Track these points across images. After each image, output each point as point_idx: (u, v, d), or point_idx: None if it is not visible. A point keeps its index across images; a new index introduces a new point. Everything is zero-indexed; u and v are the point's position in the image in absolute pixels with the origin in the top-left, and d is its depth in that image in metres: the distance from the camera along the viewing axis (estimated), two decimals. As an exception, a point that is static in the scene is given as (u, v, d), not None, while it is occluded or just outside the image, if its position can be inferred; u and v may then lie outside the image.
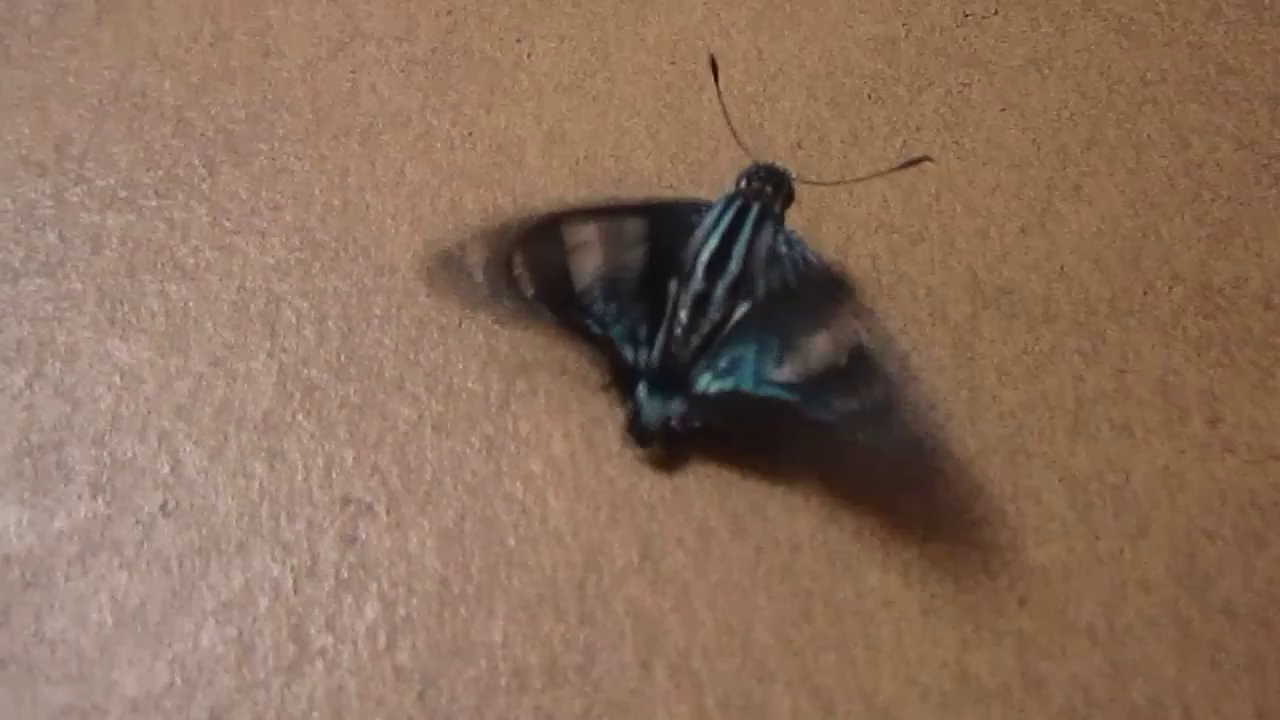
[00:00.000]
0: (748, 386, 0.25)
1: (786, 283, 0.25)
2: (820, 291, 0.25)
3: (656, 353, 0.25)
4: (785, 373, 0.24)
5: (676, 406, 0.25)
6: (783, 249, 0.26)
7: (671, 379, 0.25)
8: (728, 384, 0.25)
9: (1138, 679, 0.23)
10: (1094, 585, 0.24)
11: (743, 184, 0.26)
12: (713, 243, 0.26)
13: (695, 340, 0.25)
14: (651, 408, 0.25)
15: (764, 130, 0.31)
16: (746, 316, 0.25)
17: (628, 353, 0.26)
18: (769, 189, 0.26)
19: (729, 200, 0.26)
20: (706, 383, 0.25)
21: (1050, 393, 0.26)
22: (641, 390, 0.25)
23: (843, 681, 0.23)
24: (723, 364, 0.25)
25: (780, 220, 0.26)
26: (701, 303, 0.25)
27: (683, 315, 0.25)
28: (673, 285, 0.26)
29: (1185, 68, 0.32)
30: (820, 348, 0.24)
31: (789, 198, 0.27)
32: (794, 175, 0.27)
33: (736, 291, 0.25)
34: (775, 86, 0.32)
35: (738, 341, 0.25)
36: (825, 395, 0.24)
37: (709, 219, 0.26)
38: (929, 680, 0.23)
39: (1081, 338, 0.27)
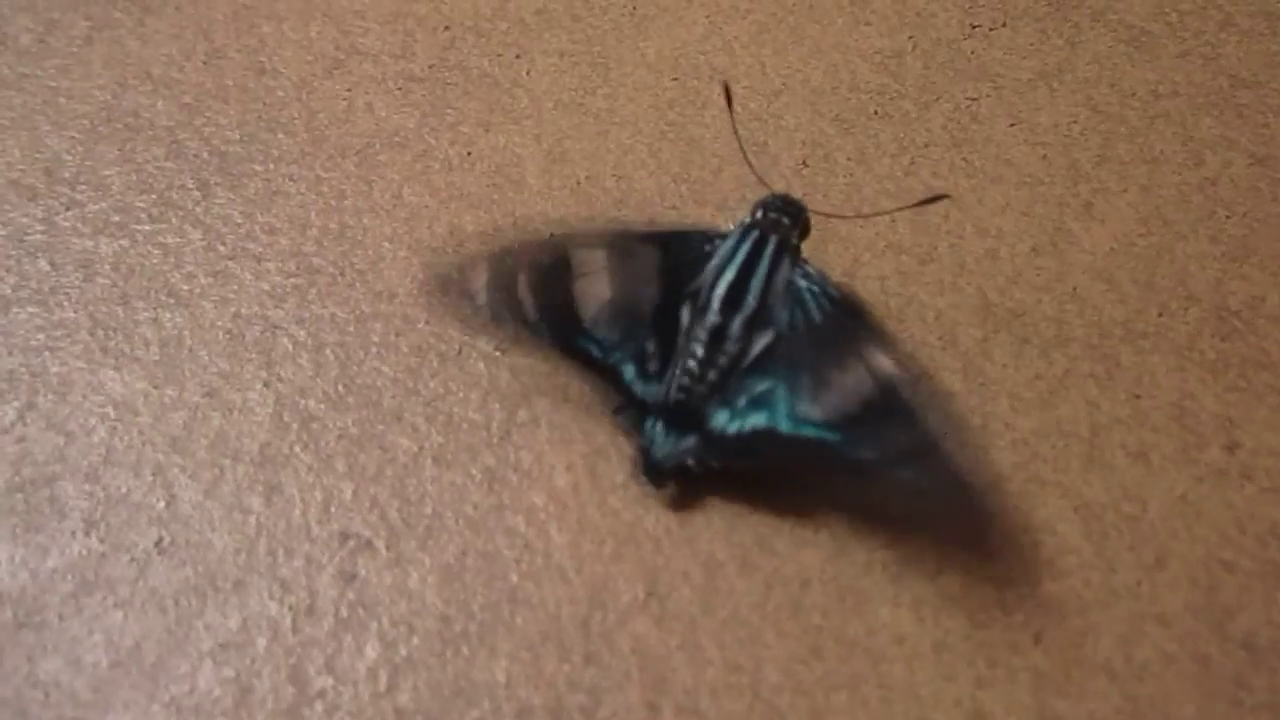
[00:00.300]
0: (783, 427, 0.24)
1: (808, 318, 0.25)
2: (846, 326, 0.25)
3: (669, 388, 0.25)
4: (820, 411, 0.24)
5: (691, 444, 0.24)
6: (801, 282, 0.25)
7: (685, 415, 0.24)
8: (757, 422, 0.24)
9: (1156, 717, 0.22)
10: (1111, 620, 0.23)
11: (759, 215, 0.26)
12: (729, 275, 0.25)
13: (711, 375, 0.25)
14: (664, 446, 0.24)
15: (768, 149, 0.30)
16: (766, 352, 0.25)
17: (636, 387, 0.25)
18: (786, 220, 0.26)
19: (745, 231, 0.26)
20: (724, 421, 0.24)
21: (1064, 419, 0.26)
22: (653, 427, 0.25)
23: (854, 722, 0.22)
24: (741, 402, 0.24)
25: (797, 253, 0.26)
26: (718, 337, 0.25)
27: (697, 349, 0.25)
28: (685, 317, 0.25)
29: (1198, 80, 0.31)
30: (855, 384, 0.24)
31: (805, 230, 0.26)
32: (808, 207, 0.26)
33: (754, 326, 0.25)
34: (779, 103, 0.31)
35: (758, 379, 0.24)
36: (867, 434, 0.23)
37: (724, 249, 0.25)
38: (943, 718, 0.22)
39: (1095, 362, 0.26)
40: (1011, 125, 0.30)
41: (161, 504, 0.25)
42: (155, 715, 0.23)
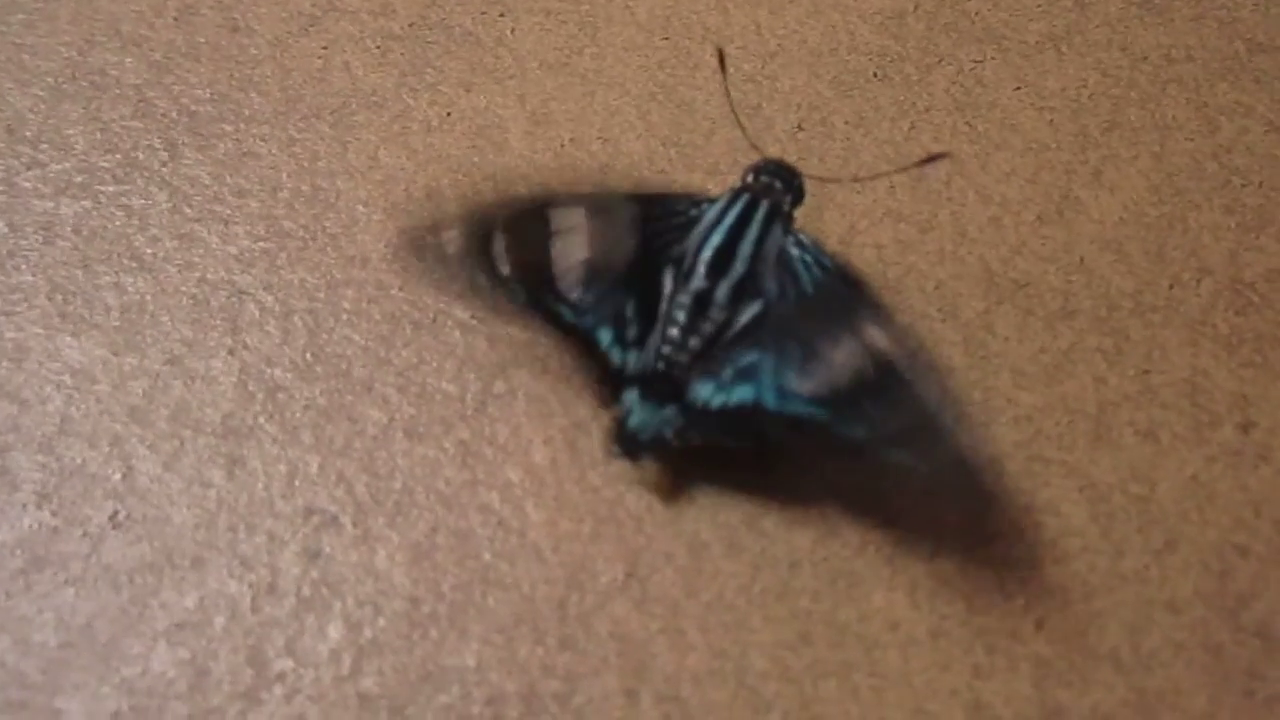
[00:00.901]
0: (769, 402, 0.23)
1: (800, 288, 0.23)
2: (840, 297, 0.23)
3: (649, 354, 0.23)
4: (810, 386, 0.22)
5: (670, 416, 0.23)
6: (793, 250, 0.24)
7: (665, 386, 0.23)
8: (743, 396, 0.23)
9: (1165, 709, 0.21)
10: (1117, 606, 0.22)
11: (750, 179, 0.24)
12: (716, 239, 0.24)
13: (694, 343, 0.23)
14: (641, 416, 0.23)
15: (762, 111, 0.29)
16: (754, 322, 0.23)
17: (613, 354, 0.24)
18: (779, 185, 0.24)
19: (735, 195, 0.24)
20: (708, 394, 0.23)
21: (1070, 395, 0.24)
22: (630, 396, 0.23)
23: (844, 711, 0.21)
24: (726, 374, 0.23)
25: (790, 219, 0.24)
26: (702, 303, 0.23)
27: (680, 315, 0.23)
28: (667, 283, 0.24)
29: (1213, 44, 0.30)
30: (847, 358, 0.22)
31: (799, 196, 0.24)
32: (802, 172, 0.25)
33: (741, 294, 0.23)
34: (775, 65, 0.30)
35: (744, 351, 0.23)
36: (858, 411, 0.22)
37: (712, 213, 0.24)
38: (938, 710, 0.21)
39: (1103, 335, 0.25)
40: (1017, 89, 0.29)
41: (118, 476, 0.24)
42: (106, 698, 0.22)
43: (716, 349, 0.23)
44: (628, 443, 0.23)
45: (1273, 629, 0.22)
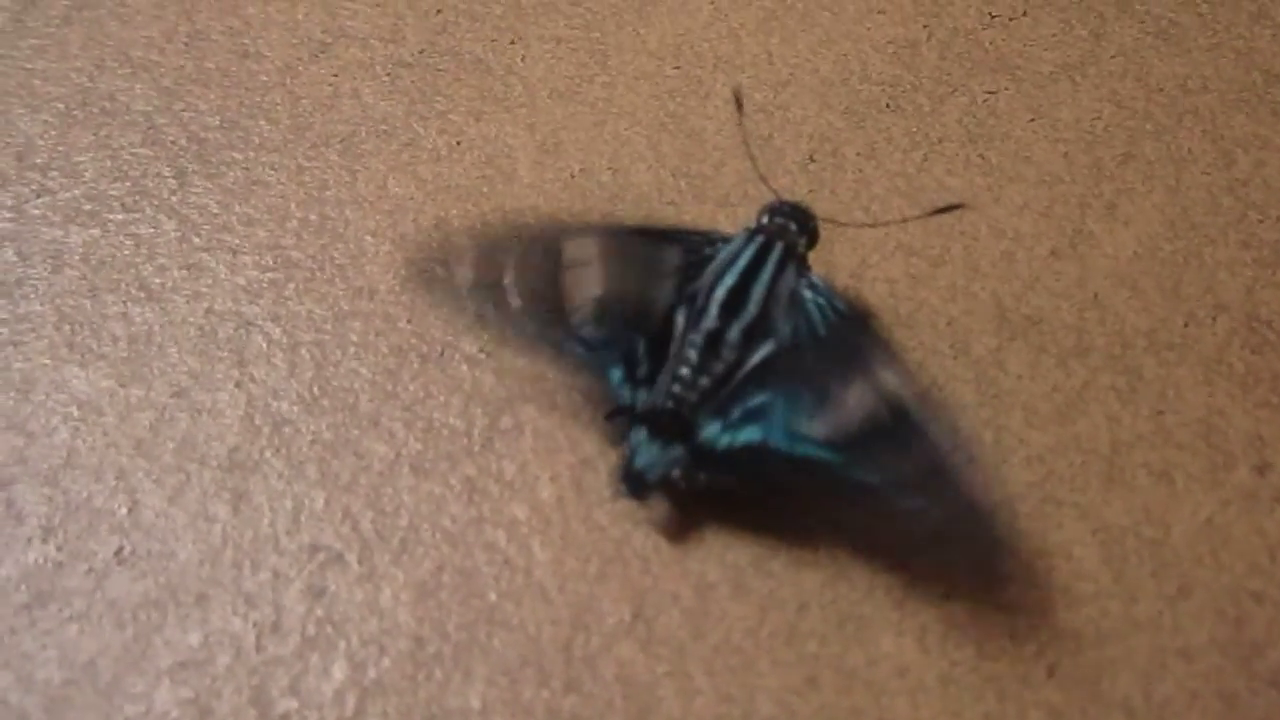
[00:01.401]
0: (779, 444, 0.22)
1: (812, 330, 0.23)
2: (852, 340, 0.23)
3: (658, 393, 0.23)
4: (820, 429, 0.22)
5: (677, 456, 0.23)
6: (806, 293, 0.23)
7: (673, 425, 0.23)
8: (751, 437, 0.22)
9: (1178, 759, 0.21)
10: (1130, 653, 0.22)
11: (765, 220, 0.24)
12: (730, 280, 0.24)
13: (704, 383, 0.23)
14: (648, 456, 0.23)
15: (773, 142, 0.28)
16: (765, 364, 0.23)
17: (623, 392, 0.23)
18: (793, 227, 0.24)
19: (750, 235, 0.24)
20: (715, 434, 0.23)
21: (1082, 435, 0.24)
22: (637, 435, 0.23)
23: (852, 759, 0.21)
24: (735, 414, 0.23)
25: (804, 262, 0.24)
26: (714, 343, 0.23)
27: (691, 355, 0.23)
28: (680, 321, 0.24)
29: (1230, 75, 0.29)
30: (859, 401, 0.22)
31: (813, 239, 0.24)
32: (817, 216, 0.24)
33: (753, 335, 0.23)
34: (786, 94, 0.29)
35: (755, 391, 0.23)
36: (870, 455, 0.22)
37: (726, 253, 0.24)
38: (947, 757, 0.21)
39: (1116, 374, 0.25)
40: (1031, 120, 0.29)
41: (124, 510, 0.24)
42: (109, 737, 0.22)
43: (725, 389, 0.23)
44: (634, 482, 0.23)
45: (1288, 678, 0.22)
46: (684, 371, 0.23)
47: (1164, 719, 0.21)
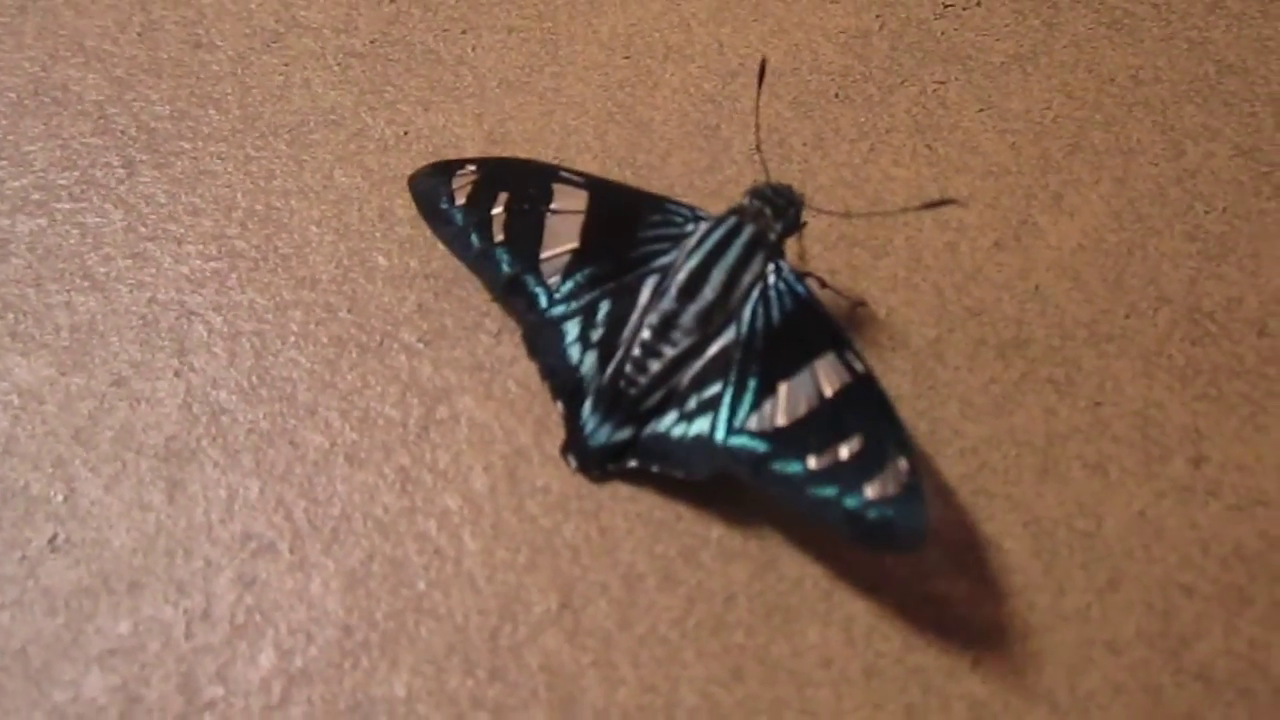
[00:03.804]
0: (719, 436, 0.22)
1: (770, 319, 0.23)
2: (804, 330, 0.23)
3: (611, 368, 0.23)
4: (756, 420, 0.22)
5: (627, 437, 0.23)
6: (770, 279, 0.23)
7: (625, 405, 0.23)
8: (701, 428, 0.22)
9: (1101, 752, 0.21)
10: (1057, 646, 0.22)
11: (744, 201, 0.24)
12: (693, 261, 0.23)
13: (654, 366, 0.23)
14: (600, 435, 0.23)
15: (720, 132, 0.28)
16: (723, 354, 0.23)
17: (573, 351, 0.23)
18: (769, 212, 0.23)
19: (723, 217, 0.24)
20: (670, 424, 0.23)
21: (1018, 427, 0.24)
22: (589, 409, 0.23)
23: (774, 749, 0.21)
24: (692, 404, 0.23)
25: (776, 249, 0.23)
26: (667, 325, 0.23)
27: (645, 334, 0.23)
28: (645, 293, 0.24)
29: (1182, 66, 0.29)
30: (797, 393, 0.22)
31: (790, 226, 0.24)
32: (803, 202, 0.24)
33: (708, 320, 0.23)
34: (736, 84, 0.29)
35: (712, 381, 0.23)
36: (796, 445, 0.21)
37: (700, 232, 0.24)
38: (870, 749, 0.21)
39: (1055, 366, 0.25)
40: (980, 111, 0.29)
41: (59, 498, 0.24)
42: (38, 723, 0.22)
43: (684, 377, 0.23)
44: (584, 457, 0.23)
45: (1215, 672, 0.21)
46: (636, 351, 0.23)
47: (1088, 712, 0.21)
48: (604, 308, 0.24)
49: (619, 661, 0.22)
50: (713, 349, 0.23)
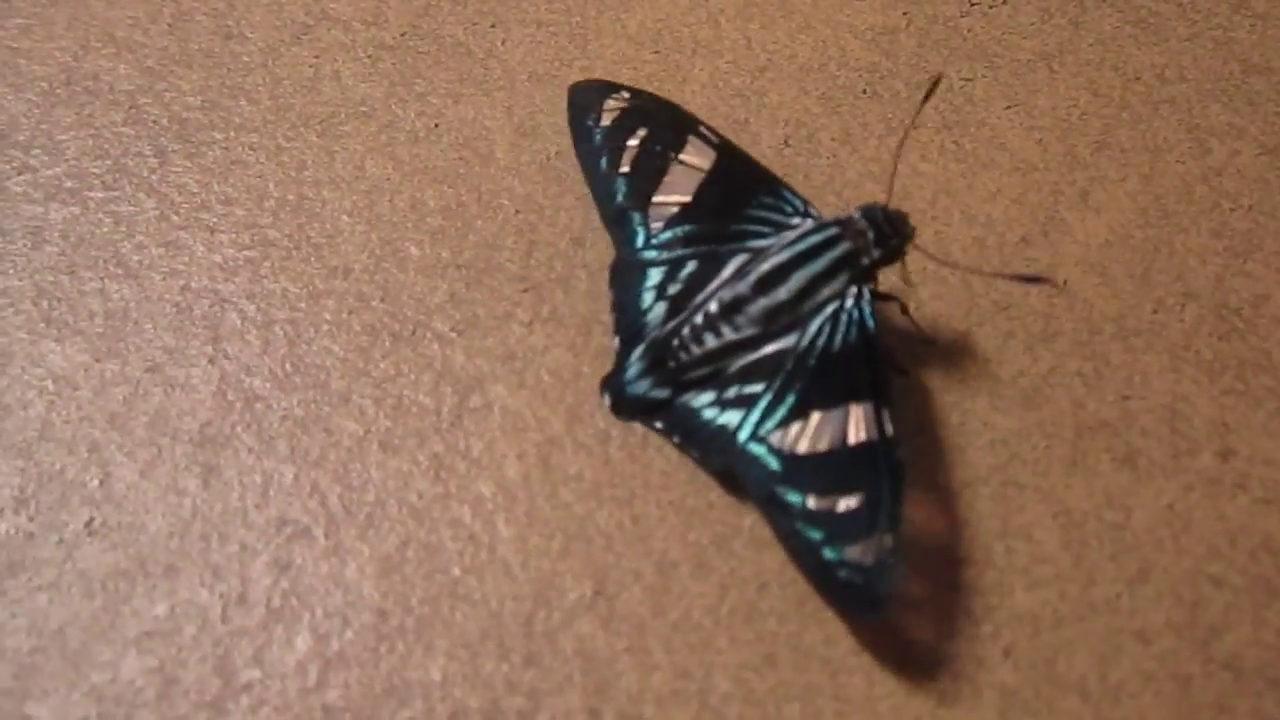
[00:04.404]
0: (741, 436, 0.22)
1: (831, 342, 0.23)
2: (857, 366, 0.22)
3: (672, 328, 0.23)
4: (779, 437, 0.22)
5: (662, 398, 0.23)
6: (847, 302, 0.23)
7: (668, 364, 0.23)
8: (729, 420, 0.23)
9: (1131, 741, 0.21)
10: (1087, 635, 0.22)
11: (852, 214, 0.23)
12: (781, 256, 0.23)
13: (710, 342, 0.23)
14: (639, 383, 0.23)
15: (749, 126, 0.29)
16: (777, 357, 0.23)
17: (647, 297, 0.24)
18: (870, 235, 0.23)
19: (827, 223, 0.23)
20: (703, 404, 0.23)
21: (1047, 420, 0.24)
22: (637, 355, 0.23)
23: (807, 735, 0.21)
24: (731, 394, 0.23)
25: (864, 273, 0.23)
26: (735, 307, 0.23)
27: (713, 307, 0.23)
28: (730, 269, 0.24)
29: (1207, 65, 0.29)
30: (826, 428, 0.22)
31: (889, 256, 0.23)
32: (911, 235, 0.23)
33: (773, 319, 0.23)
34: (764, 79, 0.29)
35: (756, 379, 0.23)
36: (805, 480, 0.21)
37: (799, 230, 0.24)
38: (902, 735, 0.21)
39: (1083, 359, 0.25)
40: (1007, 108, 0.29)
41: (95, 483, 0.24)
42: (75, 704, 0.22)
43: (733, 364, 0.23)
44: (617, 399, 0.24)
45: (1244, 662, 0.22)
46: (698, 320, 0.23)
47: (1118, 701, 0.21)
48: (689, 266, 0.24)
49: (653, 648, 0.22)
50: (769, 348, 0.23)
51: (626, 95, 0.26)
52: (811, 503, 0.21)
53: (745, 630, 0.22)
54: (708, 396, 0.23)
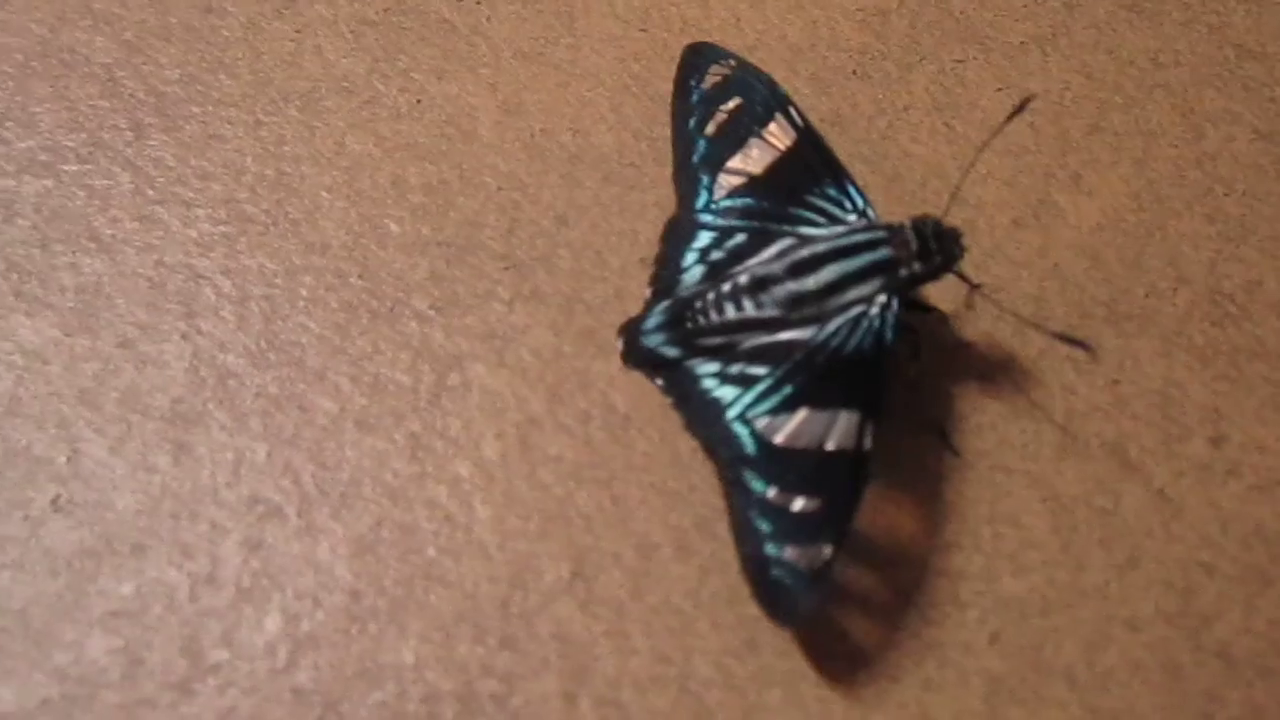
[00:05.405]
0: (730, 414, 0.22)
1: (845, 344, 0.22)
2: (859, 379, 0.22)
3: (693, 287, 0.23)
4: (764, 423, 0.22)
5: (670, 357, 0.23)
6: (873, 310, 0.22)
7: (685, 325, 0.23)
8: (723, 395, 0.22)
9: (1119, 729, 0.21)
10: (1075, 622, 0.21)
11: (903, 222, 0.23)
12: (820, 247, 0.23)
13: (730, 313, 0.23)
14: (653, 336, 0.23)
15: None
16: (789, 345, 0.22)
17: (689, 258, 0.24)
18: (914, 247, 0.22)
19: (875, 226, 0.23)
20: (707, 372, 0.23)
21: (1037, 404, 0.24)
22: (660, 308, 0.23)
23: (788, 722, 0.21)
24: (734, 370, 0.22)
25: (899, 284, 0.22)
26: (763, 285, 0.23)
27: (742, 279, 0.23)
28: (772, 249, 0.23)
29: (1202, 50, 0.29)
30: (811, 428, 0.21)
31: (928, 274, 0.22)
32: (958, 257, 0.23)
33: (796, 306, 0.22)
34: (753, 59, 0.29)
35: (764, 362, 0.22)
36: (774, 472, 0.21)
37: (849, 225, 0.23)
38: (885, 723, 0.21)
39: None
40: (999, 90, 0.28)
41: (63, 459, 0.24)
42: (38, 685, 0.21)
43: (746, 342, 0.23)
44: (630, 347, 0.23)
45: (1235, 650, 0.21)
46: (725, 288, 0.23)
47: (1106, 689, 0.21)
48: (738, 238, 0.24)
49: (632, 631, 0.22)
50: (784, 335, 0.23)
51: (733, 63, 0.26)
52: (771, 494, 0.21)
53: (727, 614, 0.22)
54: (712, 367, 0.23)
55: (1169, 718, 0.21)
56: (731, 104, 0.25)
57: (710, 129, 0.25)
